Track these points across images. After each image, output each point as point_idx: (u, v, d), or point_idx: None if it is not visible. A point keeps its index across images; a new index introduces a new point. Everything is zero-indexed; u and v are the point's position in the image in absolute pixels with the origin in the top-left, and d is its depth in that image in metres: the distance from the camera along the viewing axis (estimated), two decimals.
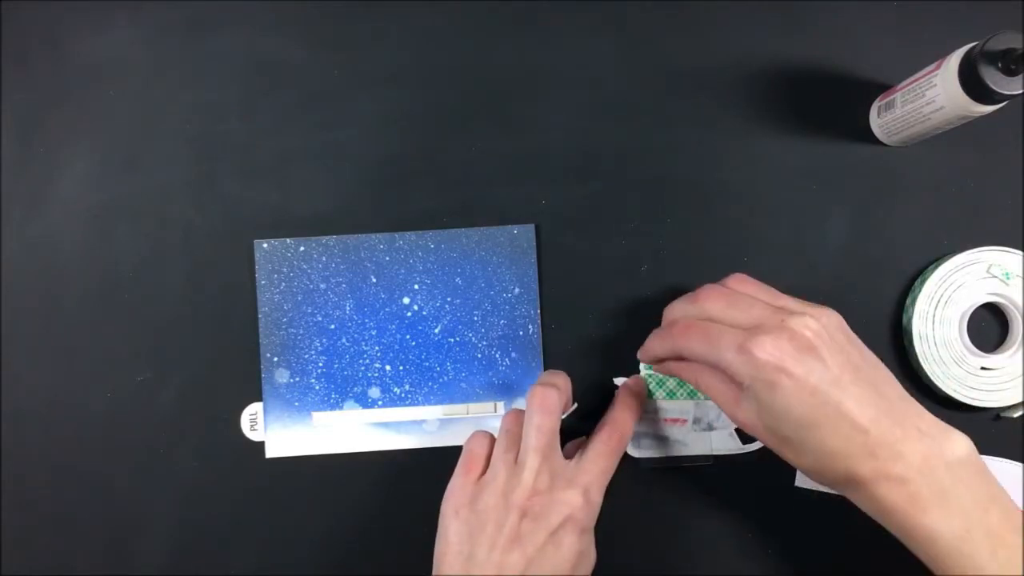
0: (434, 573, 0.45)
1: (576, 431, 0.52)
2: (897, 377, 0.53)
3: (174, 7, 0.55)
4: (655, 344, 0.48)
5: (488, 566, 0.42)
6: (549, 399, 0.46)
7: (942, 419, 0.52)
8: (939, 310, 0.52)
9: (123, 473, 0.54)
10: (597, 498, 0.45)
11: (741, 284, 0.45)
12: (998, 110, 0.45)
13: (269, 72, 0.55)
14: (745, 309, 0.42)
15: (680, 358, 0.47)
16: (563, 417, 0.47)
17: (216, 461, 0.54)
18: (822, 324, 0.41)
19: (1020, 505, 0.51)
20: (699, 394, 0.53)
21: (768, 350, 0.40)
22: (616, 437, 0.47)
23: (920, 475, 0.38)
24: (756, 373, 0.40)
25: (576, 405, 0.50)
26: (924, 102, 0.47)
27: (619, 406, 0.49)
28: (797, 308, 0.42)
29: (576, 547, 0.43)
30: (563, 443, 0.47)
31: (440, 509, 0.46)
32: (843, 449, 0.39)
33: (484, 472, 0.46)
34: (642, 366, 0.53)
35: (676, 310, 0.47)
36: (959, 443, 0.40)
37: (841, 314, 0.53)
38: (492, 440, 0.47)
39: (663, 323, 0.48)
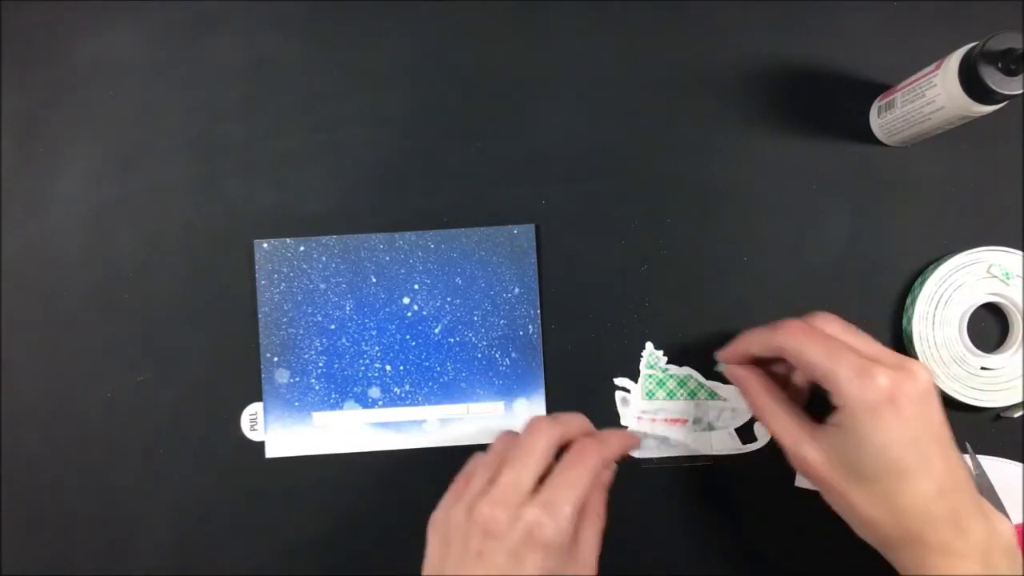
0: None
1: None
2: None
3: (174, 7, 0.55)
4: (756, 338, 0.46)
5: None
6: (544, 424, 0.44)
7: None
8: (939, 310, 0.52)
9: (123, 473, 0.54)
10: (564, 512, 0.41)
11: (854, 327, 0.44)
12: (998, 110, 0.45)
13: (269, 72, 0.55)
14: (865, 341, 0.42)
15: (768, 362, 0.46)
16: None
17: (216, 461, 0.54)
18: (932, 382, 0.40)
19: (1020, 506, 0.51)
20: (699, 394, 0.53)
21: (889, 381, 0.39)
22: (587, 453, 0.44)
23: (981, 556, 0.38)
24: (869, 400, 0.39)
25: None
26: (924, 102, 0.47)
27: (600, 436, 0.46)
28: (911, 359, 0.41)
29: (541, 565, 0.40)
30: None
31: None
32: (921, 509, 0.39)
33: None
34: (643, 365, 0.53)
35: (789, 321, 0.45)
36: (1007, 527, 0.40)
37: (841, 314, 0.53)
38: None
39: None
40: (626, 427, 0.53)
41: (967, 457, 0.52)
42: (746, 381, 0.47)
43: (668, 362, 0.53)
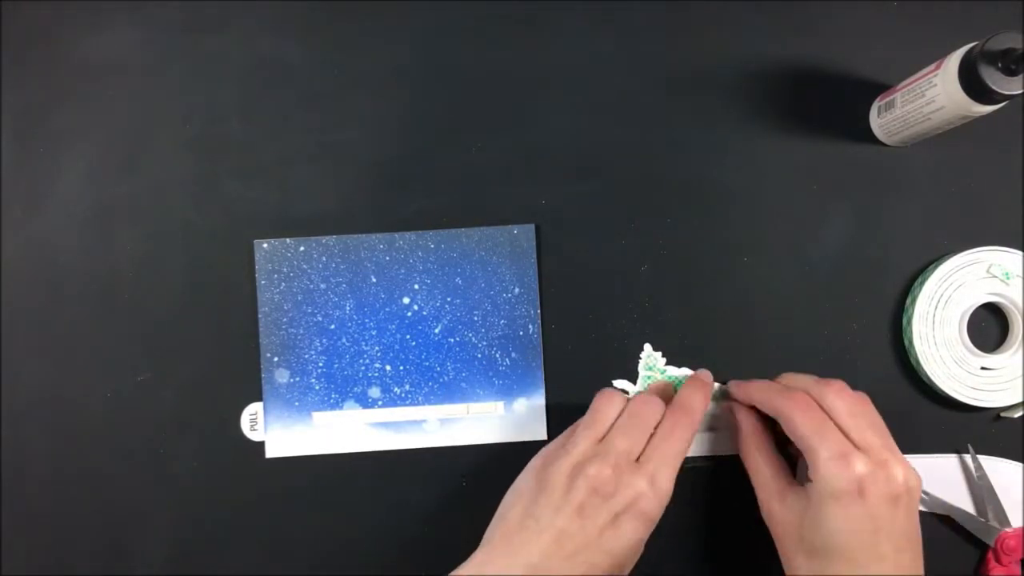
0: (499, 512, 0.46)
1: None
2: (897, 377, 0.53)
3: (174, 7, 0.55)
4: (760, 392, 0.48)
5: (549, 528, 0.43)
6: (656, 405, 0.47)
7: (943, 420, 0.53)
8: (939, 310, 0.52)
9: (123, 473, 0.54)
10: (665, 485, 0.44)
11: (862, 405, 0.45)
12: (998, 110, 0.45)
13: (269, 72, 0.55)
14: (863, 429, 0.43)
15: (759, 417, 0.49)
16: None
17: (216, 461, 0.54)
18: (911, 487, 0.43)
19: (1020, 505, 0.51)
20: None
21: (864, 473, 0.41)
22: (687, 419, 0.47)
23: None
24: (838, 484, 0.42)
25: None
26: (924, 102, 0.47)
27: (686, 390, 0.49)
28: (899, 458, 0.43)
29: (635, 535, 0.43)
30: None
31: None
32: None
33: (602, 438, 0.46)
34: (641, 366, 0.53)
35: (800, 380, 0.48)
36: None
37: (841, 315, 0.53)
38: (622, 403, 0.48)
39: (779, 381, 0.49)
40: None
41: (967, 457, 0.52)
42: (741, 423, 0.50)
43: (667, 363, 0.53)
